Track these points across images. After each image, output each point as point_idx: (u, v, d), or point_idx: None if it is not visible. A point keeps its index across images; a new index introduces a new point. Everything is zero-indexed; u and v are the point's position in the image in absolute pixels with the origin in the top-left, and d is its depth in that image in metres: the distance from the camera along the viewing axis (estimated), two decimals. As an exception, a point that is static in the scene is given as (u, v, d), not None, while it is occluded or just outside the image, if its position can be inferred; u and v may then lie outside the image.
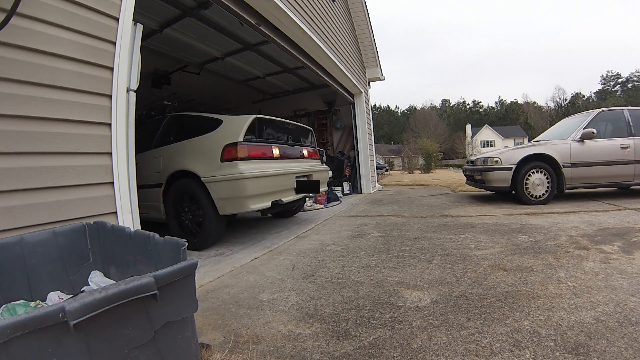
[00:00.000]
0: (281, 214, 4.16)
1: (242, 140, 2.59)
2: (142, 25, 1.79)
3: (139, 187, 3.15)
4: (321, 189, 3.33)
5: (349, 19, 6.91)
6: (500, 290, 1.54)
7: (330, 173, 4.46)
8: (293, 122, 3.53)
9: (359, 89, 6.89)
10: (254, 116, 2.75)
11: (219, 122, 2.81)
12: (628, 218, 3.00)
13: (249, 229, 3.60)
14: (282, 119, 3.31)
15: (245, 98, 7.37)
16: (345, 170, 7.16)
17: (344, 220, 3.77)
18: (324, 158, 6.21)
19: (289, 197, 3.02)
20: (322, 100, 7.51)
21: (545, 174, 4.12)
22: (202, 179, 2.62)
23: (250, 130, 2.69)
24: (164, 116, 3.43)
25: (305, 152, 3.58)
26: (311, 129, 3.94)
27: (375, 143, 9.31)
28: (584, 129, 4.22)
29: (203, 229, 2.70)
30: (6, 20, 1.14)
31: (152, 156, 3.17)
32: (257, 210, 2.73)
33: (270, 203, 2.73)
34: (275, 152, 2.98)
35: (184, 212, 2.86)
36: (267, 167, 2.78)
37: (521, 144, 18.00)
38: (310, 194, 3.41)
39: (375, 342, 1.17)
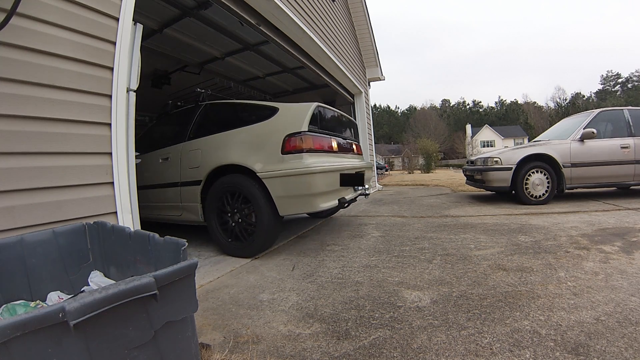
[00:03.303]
0: (320, 213, 3.76)
1: (306, 129, 2.29)
2: (142, 25, 1.78)
3: (168, 185, 2.90)
4: (365, 185, 3.12)
5: (349, 19, 6.91)
6: (500, 290, 1.54)
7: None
8: (344, 113, 3.23)
9: (359, 89, 6.89)
10: (316, 104, 2.48)
11: (274, 109, 2.47)
12: (628, 218, 3.00)
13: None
14: (336, 109, 3.00)
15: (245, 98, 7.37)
16: (345, 170, 7.14)
17: (344, 220, 3.77)
18: None
19: (350, 195, 2.77)
20: (322, 100, 7.51)
21: (545, 174, 4.13)
22: (258, 174, 2.28)
23: (312, 119, 2.39)
24: (197, 105, 3.04)
25: (354, 147, 3.28)
26: (356, 122, 3.64)
27: (375, 143, 9.32)
28: (584, 129, 4.22)
29: (258, 233, 2.34)
30: (6, 20, 1.14)
31: (187, 149, 2.77)
32: (320, 211, 2.38)
33: (337, 201, 2.46)
34: (334, 145, 2.68)
35: (231, 213, 2.47)
36: (332, 161, 2.50)
37: (521, 144, 18.00)
38: (367, 192, 3.14)
39: (375, 342, 1.17)
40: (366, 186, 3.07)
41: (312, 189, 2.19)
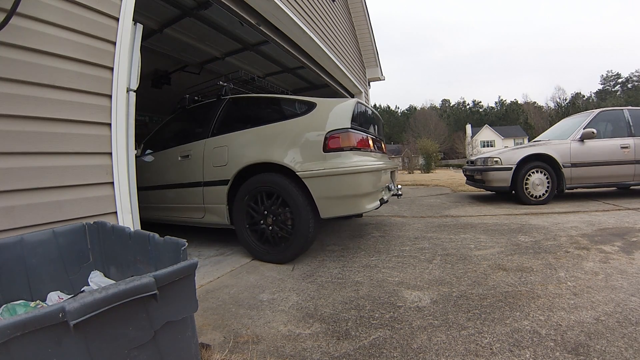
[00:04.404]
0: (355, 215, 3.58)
1: (349, 126, 2.17)
2: (142, 25, 1.78)
3: (189, 185, 2.73)
4: (398, 186, 3.06)
5: (349, 19, 6.91)
6: (500, 290, 1.54)
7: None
8: (372, 108, 3.09)
9: (359, 89, 6.89)
10: (356, 99, 2.38)
11: (312, 104, 2.33)
12: (628, 218, 3.00)
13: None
14: (367, 105, 2.86)
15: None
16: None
17: (344, 220, 3.77)
18: None
19: (386, 195, 2.67)
20: (322, 100, 7.50)
21: (545, 174, 4.13)
22: (297, 173, 2.12)
23: (353, 116, 2.27)
24: (219, 99, 2.84)
25: (382, 145, 3.13)
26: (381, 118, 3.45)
27: (375, 143, 9.29)
28: (584, 129, 4.22)
29: (295, 236, 2.15)
30: (6, 20, 1.14)
31: (211, 146, 2.56)
32: (363, 213, 2.23)
33: (379, 202, 2.36)
34: (371, 143, 2.55)
35: (265, 215, 2.28)
36: (373, 160, 2.40)
37: (521, 144, 18.01)
38: (399, 193, 3.06)
39: (375, 342, 1.17)
40: (399, 186, 3.02)
41: (360, 189, 2.10)
